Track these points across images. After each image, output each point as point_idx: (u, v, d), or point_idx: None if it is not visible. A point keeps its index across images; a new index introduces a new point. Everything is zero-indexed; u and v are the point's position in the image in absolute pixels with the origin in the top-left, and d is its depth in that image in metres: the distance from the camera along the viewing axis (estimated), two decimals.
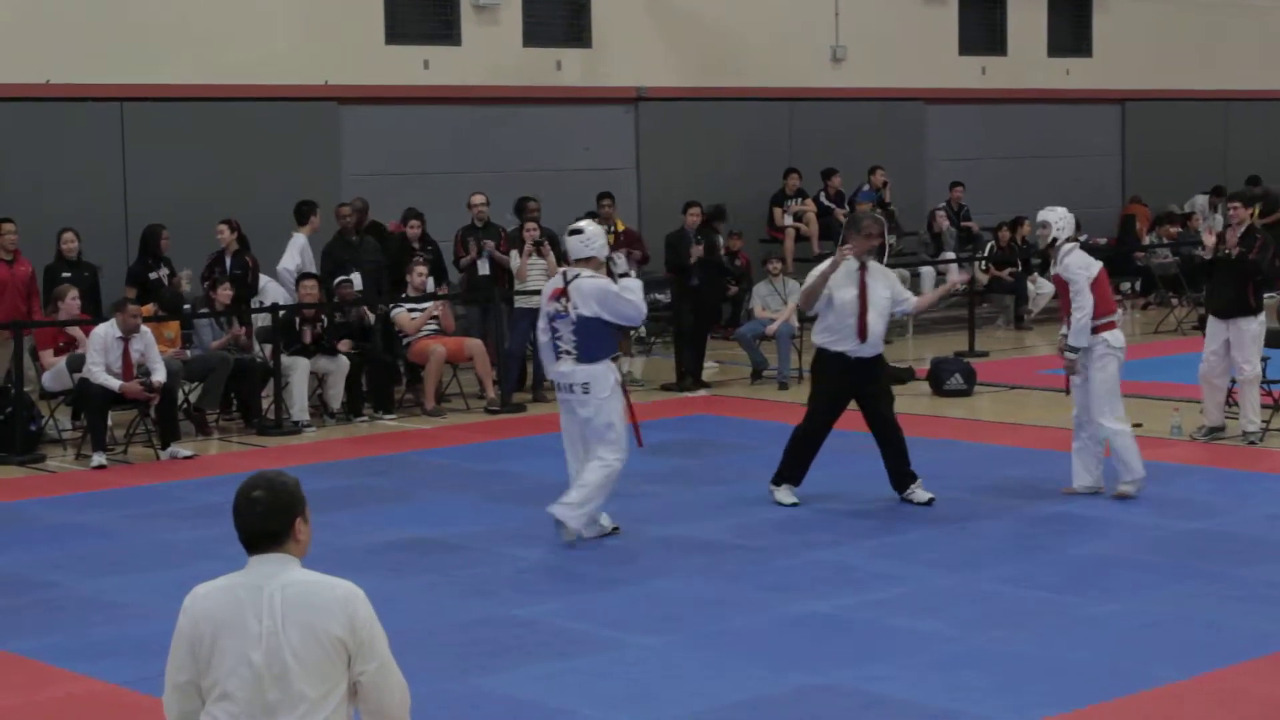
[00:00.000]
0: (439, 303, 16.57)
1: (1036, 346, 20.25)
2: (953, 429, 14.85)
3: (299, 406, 15.28)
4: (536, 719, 7.59)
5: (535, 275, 16.43)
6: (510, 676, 8.09)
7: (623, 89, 21.63)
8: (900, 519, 11.33)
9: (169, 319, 15.55)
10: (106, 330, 13.88)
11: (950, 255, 22.74)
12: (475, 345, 16.37)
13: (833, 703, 7.68)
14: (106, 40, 17.88)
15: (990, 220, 23.39)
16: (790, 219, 21.93)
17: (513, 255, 17.02)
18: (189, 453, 14.10)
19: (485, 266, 17.34)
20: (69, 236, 15.88)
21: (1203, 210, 25.91)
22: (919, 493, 11.73)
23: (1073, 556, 10.26)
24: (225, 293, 15.58)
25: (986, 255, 22.31)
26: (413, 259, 16.78)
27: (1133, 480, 11.77)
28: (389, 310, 16.47)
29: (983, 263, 22.05)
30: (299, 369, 15.31)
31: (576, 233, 10.86)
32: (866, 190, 21.83)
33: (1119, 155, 27.09)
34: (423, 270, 16.53)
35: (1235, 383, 13.81)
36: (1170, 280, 23.61)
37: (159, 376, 13.88)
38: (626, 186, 21.20)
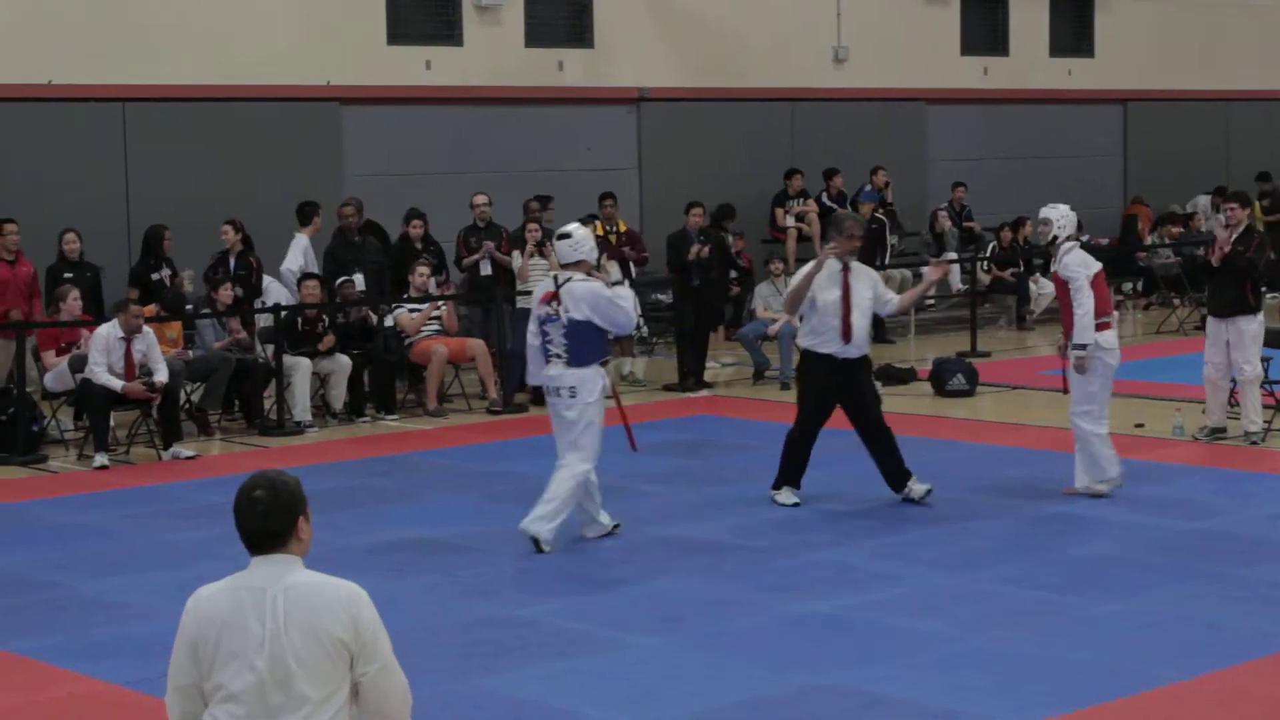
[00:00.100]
0: (442, 303, 16.58)
1: (1038, 347, 20.24)
2: (954, 429, 14.85)
3: (301, 407, 15.29)
4: (538, 719, 7.60)
5: (537, 275, 16.41)
6: (512, 677, 8.10)
7: (625, 89, 21.64)
8: (901, 519, 11.33)
9: (171, 319, 15.56)
10: (109, 331, 13.88)
11: (952, 255, 22.75)
12: (477, 345, 16.38)
13: (833, 703, 7.69)
14: (108, 40, 17.89)
15: (992, 220, 23.39)
16: (792, 219, 21.93)
17: (514, 255, 17.03)
18: (191, 453, 14.11)
19: (487, 267, 17.37)
20: (70, 237, 15.90)
21: (1205, 211, 25.90)
22: (917, 487, 11.73)
23: (1074, 557, 10.27)
24: (226, 293, 15.58)
25: (988, 255, 22.31)
26: (416, 259, 16.79)
27: (1105, 480, 11.80)
28: (391, 310, 16.48)
29: (985, 263, 22.05)
30: (301, 369, 15.31)
31: (564, 237, 10.75)
32: (868, 191, 21.84)
33: (1121, 155, 27.09)
34: (425, 271, 16.54)
35: (1236, 383, 13.82)
36: (1172, 280, 23.62)
37: (161, 377, 13.88)
38: (628, 187, 21.21)
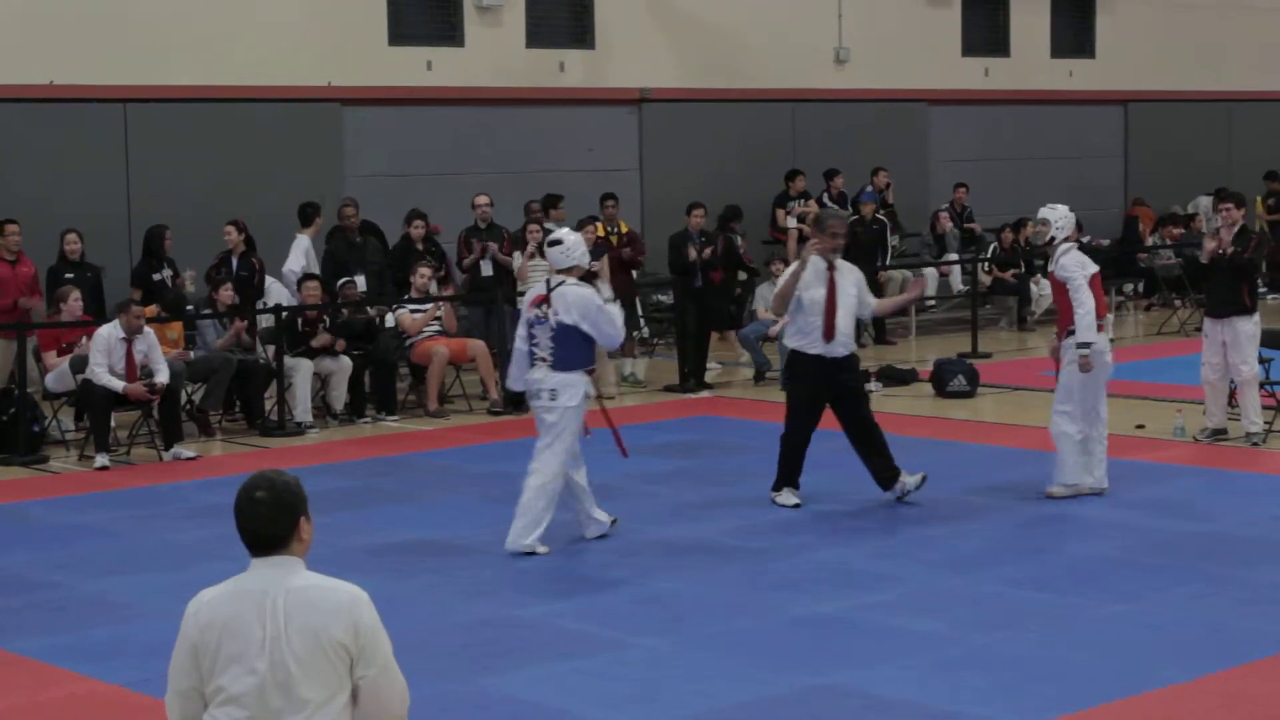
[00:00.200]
0: (442, 303, 16.58)
1: (1039, 348, 20.20)
2: (955, 430, 14.85)
3: (302, 408, 15.29)
4: (539, 719, 7.62)
5: (537, 276, 16.36)
6: (513, 677, 8.10)
7: (626, 90, 21.64)
8: (902, 520, 11.33)
9: (172, 320, 15.55)
10: (110, 331, 13.87)
11: (953, 256, 22.76)
12: (478, 346, 16.37)
13: (835, 704, 7.68)
14: (110, 41, 17.89)
15: (993, 221, 23.39)
16: (793, 220, 21.93)
17: (515, 256, 17.02)
18: (192, 454, 14.10)
19: (489, 268, 17.36)
20: (72, 238, 15.88)
21: (1206, 212, 25.88)
22: (909, 479, 11.72)
23: (1075, 558, 10.26)
24: (226, 293, 15.58)
25: (989, 256, 22.31)
26: (418, 260, 16.79)
27: (1064, 485, 11.79)
28: (392, 310, 16.47)
29: (986, 264, 22.05)
30: (302, 370, 15.31)
31: (556, 243, 10.69)
32: (869, 192, 21.84)
33: (1122, 156, 27.09)
34: (426, 272, 16.54)
35: (1235, 384, 13.81)
36: (1173, 281, 23.61)
37: (162, 378, 13.87)
38: (630, 188, 21.21)
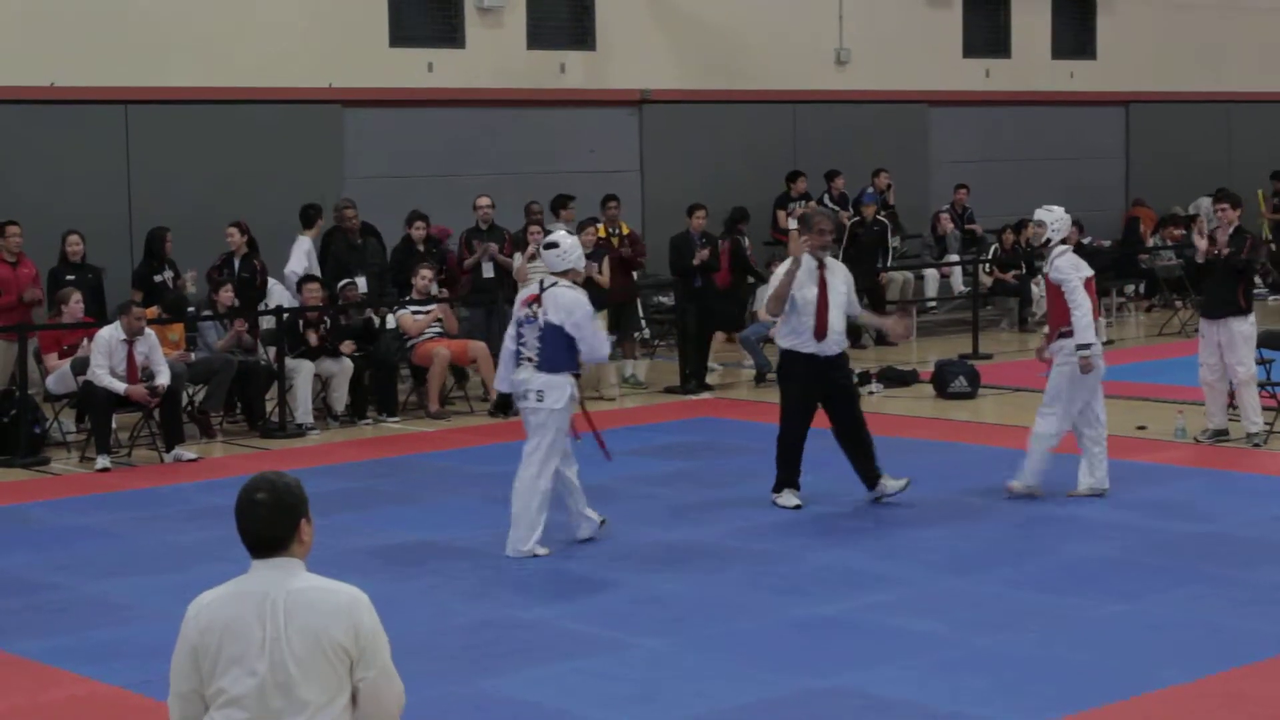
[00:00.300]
0: (442, 305, 16.59)
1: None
2: (956, 431, 14.85)
3: (303, 409, 15.29)
4: None
5: (537, 278, 16.38)
6: (515, 679, 8.10)
7: (627, 91, 21.64)
8: (903, 521, 11.32)
9: (173, 322, 15.55)
10: (111, 333, 13.87)
11: (954, 258, 22.75)
12: (479, 348, 16.36)
13: (836, 705, 7.68)
14: (110, 43, 17.89)
15: (994, 222, 23.38)
16: (794, 222, 21.90)
17: (516, 257, 17.02)
18: (193, 455, 14.10)
19: (490, 269, 17.36)
20: (75, 239, 15.86)
21: (1207, 212, 25.86)
22: (890, 483, 11.75)
23: (1076, 559, 10.26)
24: (226, 294, 15.58)
25: (990, 258, 22.31)
26: (419, 261, 16.79)
27: (1024, 484, 11.83)
28: (393, 312, 16.47)
29: (987, 265, 22.05)
30: (303, 372, 15.31)
31: (553, 245, 10.68)
32: (870, 193, 21.82)
33: (1123, 157, 27.09)
34: (427, 273, 16.54)
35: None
36: (1174, 282, 23.61)
37: (163, 379, 13.86)
38: (631, 189, 21.20)
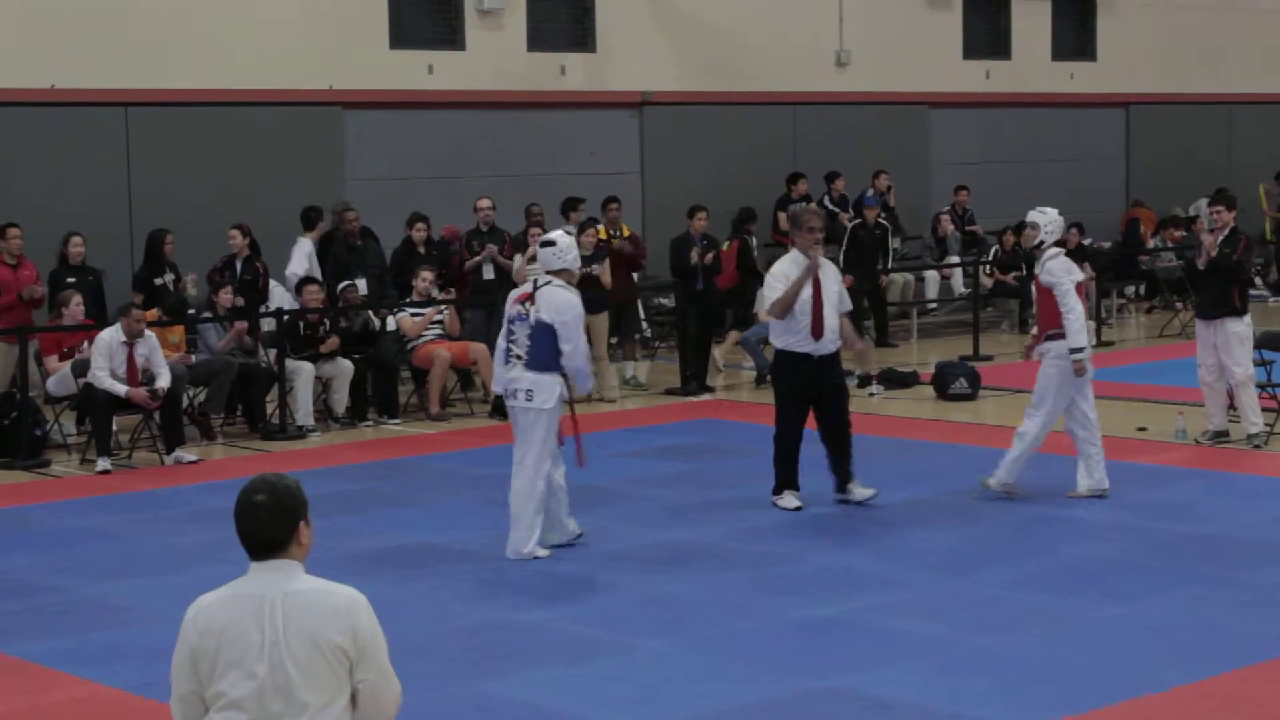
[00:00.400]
0: (444, 307, 16.58)
1: None
2: (957, 433, 14.86)
3: (303, 411, 15.29)
4: None
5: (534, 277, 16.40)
6: (514, 680, 8.10)
7: (627, 93, 21.63)
8: (903, 522, 11.32)
9: (173, 324, 15.54)
10: (111, 335, 13.87)
11: (955, 259, 22.75)
12: (479, 349, 16.35)
13: (837, 706, 7.68)
14: (110, 45, 17.89)
15: (994, 224, 23.38)
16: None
17: (516, 259, 17.02)
18: (193, 457, 14.10)
19: (490, 271, 17.36)
20: (77, 240, 15.82)
21: (1207, 214, 25.88)
22: (859, 491, 11.77)
23: (1076, 560, 10.26)
24: (226, 296, 15.57)
25: (990, 259, 22.31)
26: (420, 263, 16.79)
27: (1000, 482, 11.86)
28: (393, 314, 16.47)
29: (987, 267, 22.05)
30: (303, 374, 15.31)
31: (549, 244, 10.67)
32: (871, 196, 21.81)
33: (1123, 159, 27.09)
34: (427, 275, 16.53)
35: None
36: (1174, 284, 23.61)
37: (163, 381, 13.86)
38: (631, 191, 21.19)
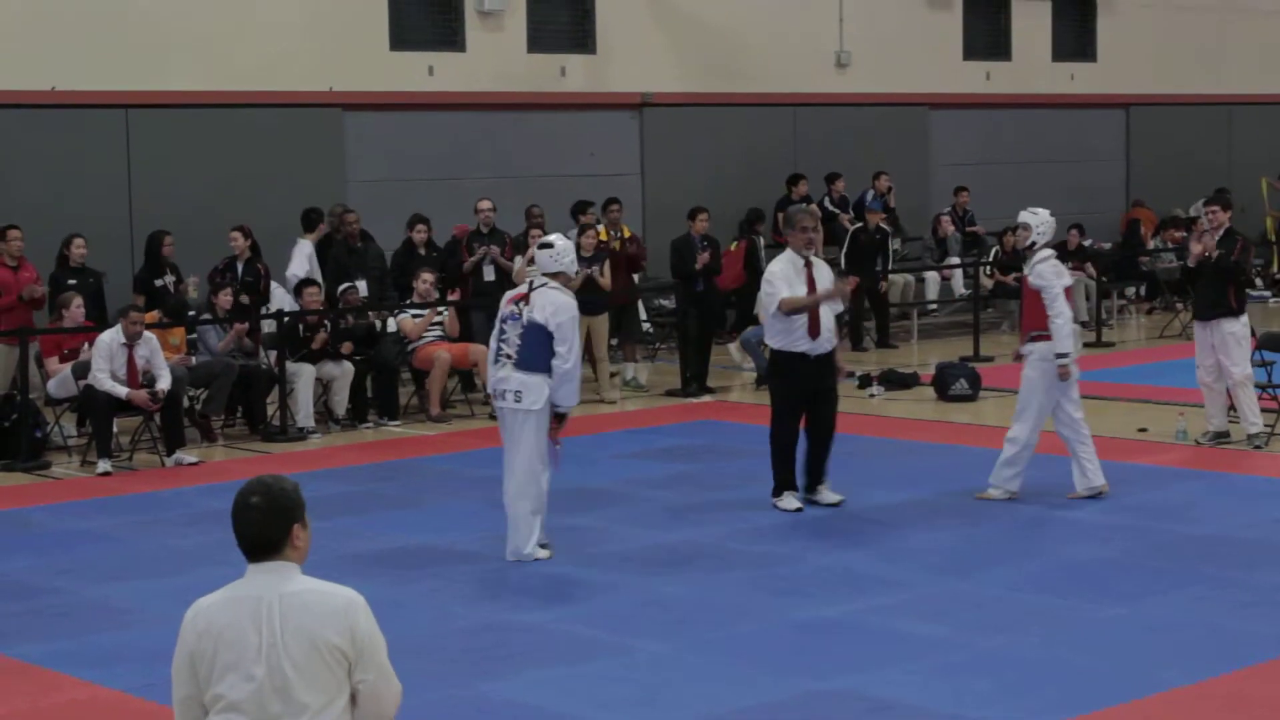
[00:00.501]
0: (444, 308, 16.58)
1: None
2: (957, 434, 14.85)
3: (304, 413, 15.28)
4: None
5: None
6: (515, 682, 8.09)
7: (627, 95, 21.63)
8: (904, 523, 11.32)
9: (173, 326, 15.54)
10: (111, 337, 13.87)
11: (955, 260, 22.75)
12: (480, 351, 16.33)
13: (838, 708, 7.68)
14: (111, 47, 17.89)
15: (994, 225, 23.36)
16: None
17: (516, 260, 17.01)
18: (194, 459, 14.10)
19: (491, 272, 17.36)
20: (79, 242, 15.82)
21: (1203, 215, 25.88)
22: (828, 495, 11.78)
23: (1077, 561, 10.26)
24: (226, 298, 15.57)
25: (991, 260, 22.31)
26: (421, 265, 16.79)
27: (998, 487, 11.86)
28: (394, 315, 16.48)
29: (987, 267, 22.05)
30: (304, 375, 15.31)
31: (546, 246, 10.66)
32: (873, 200, 21.80)
33: (1123, 159, 27.09)
34: (428, 277, 16.53)
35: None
36: (1175, 285, 23.61)
37: (164, 383, 13.86)
38: (631, 192, 21.19)
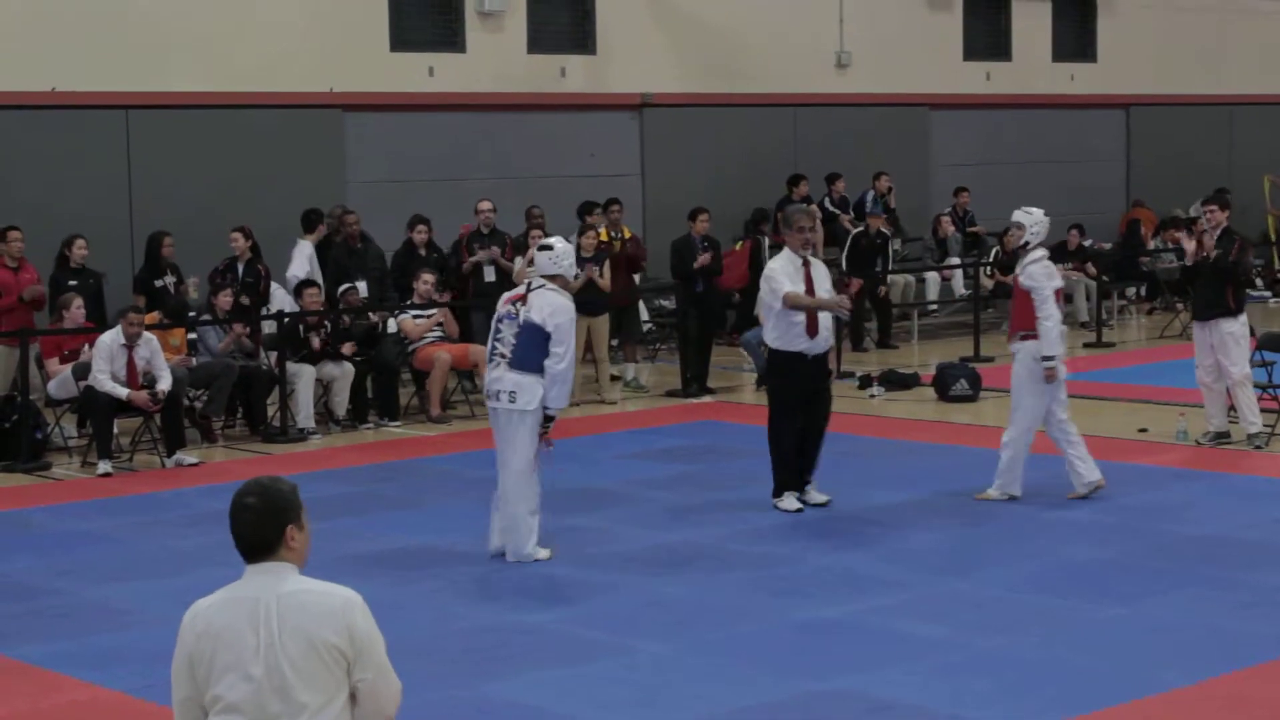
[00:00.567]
0: (443, 309, 16.59)
1: None
2: (958, 434, 14.85)
3: (304, 414, 15.28)
4: None
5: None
6: (516, 682, 8.09)
7: (627, 95, 21.63)
8: (904, 524, 11.32)
9: (173, 327, 15.54)
10: (112, 338, 13.87)
11: (955, 260, 22.75)
12: (480, 352, 16.32)
13: (839, 708, 7.68)
14: (111, 47, 17.89)
15: (995, 225, 23.32)
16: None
17: (516, 261, 17.01)
18: (194, 460, 14.10)
19: (491, 273, 17.35)
20: (80, 243, 15.82)
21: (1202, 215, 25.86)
22: (815, 495, 11.79)
23: (1077, 561, 10.26)
24: (225, 299, 15.57)
25: (991, 260, 22.30)
26: (422, 266, 16.79)
27: (999, 489, 11.87)
28: (394, 316, 16.48)
29: (988, 268, 22.05)
30: (304, 376, 15.31)
31: (546, 249, 10.67)
32: (876, 205, 21.77)
33: (1124, 160, 27.09)
34: (429, 278, 16.53)
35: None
36: (1175, 285, 23.61)
37: (164, 385, 13.86)
38: (631, 193, 21.18)
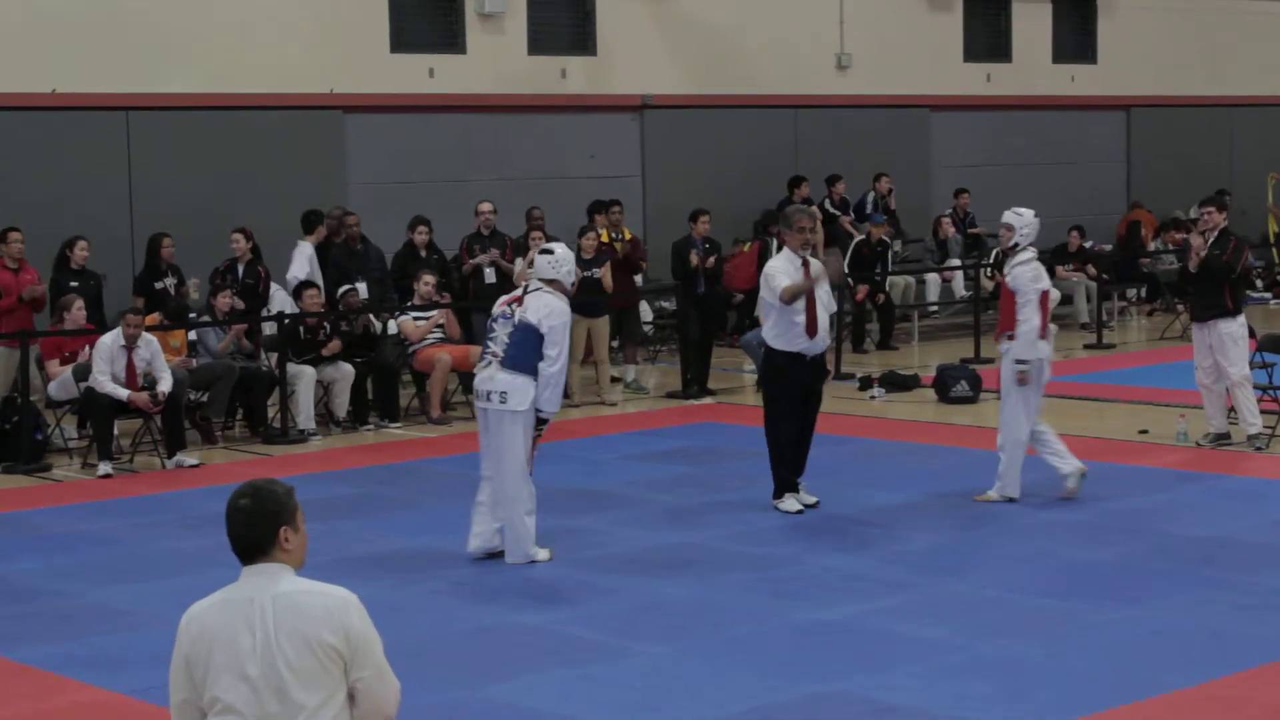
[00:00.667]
0: (443, 310, 16.58)
1: None
2: (958, 435, 14.85)
3: (305, 415, 15.28)
4: None
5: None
6: (516, 684, 8.09)
7: (628, 96, 21.64)
8: (905, 526, 11.32)
9: (173, 328, 15.54)
10: (112, 339, 13.87)
11: (955, 262, 22.75)
12: (480, 353, 16.33)
13: (840, 710, 7.68)
14: (112, 49, 17.90)
15: (995, 226, 23.19)
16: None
17: (517, 263, 17.01)
18: (195, 461, 14.10)
19: (492, 275, 17.35)
20: (82, 244, 15.81)
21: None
22: (804, 496, 11.77)
23: (1078, 563, 10.26)
24: (225, 300, 15.57)
25: (992, 262, 22.29)
26: (422, 267, 16.78)
27: (999, 491, 11.86)
28: (394, 317, 16.48)
29: (988, 269, 22.03)
30: (305, 378, 15.31)
31: (547, 252, 10.67)
32: (875, 211, 21.75)
33: (1124, 161, 27.09)
34: (429, 279, 16.53)
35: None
36: (1175, 286, 23.60)
37: (165, 386, 13.86)
38: (632, 194, 21.19)
